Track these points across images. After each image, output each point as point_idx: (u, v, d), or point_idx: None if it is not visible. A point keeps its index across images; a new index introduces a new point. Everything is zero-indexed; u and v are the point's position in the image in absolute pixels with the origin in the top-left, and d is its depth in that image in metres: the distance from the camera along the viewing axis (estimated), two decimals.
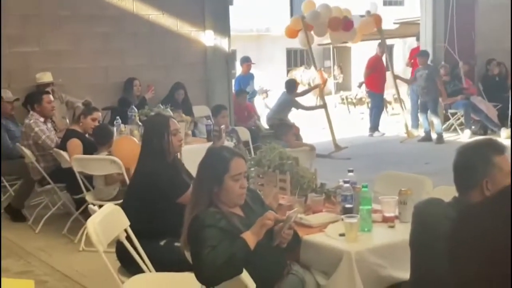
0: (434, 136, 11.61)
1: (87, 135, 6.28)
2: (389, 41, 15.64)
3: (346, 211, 3.35)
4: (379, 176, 4.38)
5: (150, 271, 3.60)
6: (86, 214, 5.95)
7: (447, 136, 11.86)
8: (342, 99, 20.18)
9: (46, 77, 7.97)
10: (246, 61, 10.93)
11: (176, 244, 3.82)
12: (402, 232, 3.26)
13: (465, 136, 11.64)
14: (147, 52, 9.30)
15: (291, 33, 11.32)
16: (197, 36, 9.77)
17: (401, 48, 25.81)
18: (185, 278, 3.46)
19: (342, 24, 10.97)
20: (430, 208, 2.68)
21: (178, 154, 4.12)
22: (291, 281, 3.02)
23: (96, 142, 5.97)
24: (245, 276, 2.76)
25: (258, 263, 2.84)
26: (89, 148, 6.00)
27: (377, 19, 11.74)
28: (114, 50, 9.02)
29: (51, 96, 6.94)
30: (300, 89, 23.81)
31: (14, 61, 8.13)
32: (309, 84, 25.03)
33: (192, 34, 9.74)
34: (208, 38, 9.83)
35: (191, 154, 4.28)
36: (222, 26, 9.92)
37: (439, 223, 2.56)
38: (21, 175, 6.80)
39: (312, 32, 11.03)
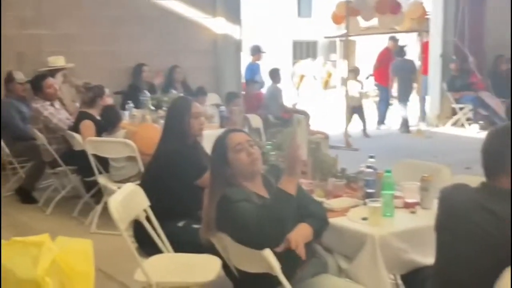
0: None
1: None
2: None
3: (368, 196, 3.34)
4: (396, 164, 4.37)
5: (168, 252, 3.61)
6: (96, 197, 6.01)
7: (454, 130, 11.87)
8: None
9: (59, 61, 7.98)
10: (258, 50, 10.90)
11: (194, 226, 3.84)
12: (424, 218, 3.26)
13: (473, 131, 11.66)
14: (157, 38, 9.29)
15: (337, 19, 10.93)
16: (208, 23, 9.75)
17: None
18: (204, 260, 3.46)
19: (390, 6, 10.46)
20: (456, 192, 2.67)
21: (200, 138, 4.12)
22: (315, 264, 3.01)
23: (105, 123, 5.95)
24: (270, 256, 2.74)
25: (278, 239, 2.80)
26: (102, 130, 5.99)
27: (422, 6, 11.48)
28: (124, 35, 9.01)
29: (51, 79, 6.92)
30: (306, 81, 23.86)
31: (27, 43, 8.12)
32: (314, 76, 25.08)
33: (203, 21, 9.72)
34: (218, 25, 9.81)
35: (211, 139, 4.28)
36: (233, 14, 9.90)
37: (466, 208, 2.56)
38: (32, 156, 6.79)
39: (358, 18, 10.59)
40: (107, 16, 8.79)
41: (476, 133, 11.59)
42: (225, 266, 3.28)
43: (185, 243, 3.64)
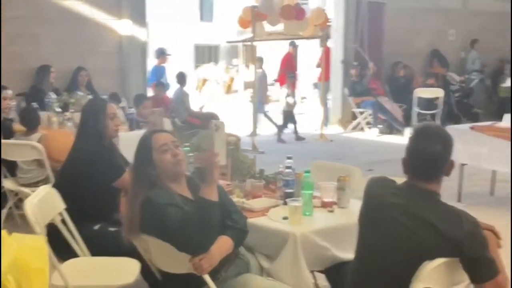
0: None
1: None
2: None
3: (288, 196, 3.40)
4: (310, 166, 4.47)
5: (85, 255, 3.53)
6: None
7: (355, 134, 12.27)
8: (251, 97, 20.35)
9: None
10: (163, 53, 10.83)
11: (111, 229, 3.78)
12: (341, 217, 3.37)
13: (372, 135, 12.10)
14: (61, 39, 9.02)
15: (244, 23, 10.91)
16: (113, 24, 9.58)
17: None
18: (122, 263, 3.43)
19: (294, 12, 10.64)
20: (382, 187, 2.77)
21: (116, 139, 4.06)
22: (238, 264, 3.04)
23: (24, 126, 5.73)
24: None
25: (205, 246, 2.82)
26: (5, 132, 5.76)
27: (325, 13, 11.67)
28: (28, 35, 8.69)
29: None
30: (208, 85, 23.86)
31: None
32: (216, 81, 25.11)
33: (108, 22, 9.54)
34: (124, 27, 9.66)
35: (127, 141, 4.24)
36: (139, 16, 9.78)
37: (391, 203, 2.67)
38: None
39: (264, 23, 10.69)
40: (11, 16, 8.45)
41: (375, 136, 12.03)
42: (142, 269, 3.27)
43: (101, 246, 3.58)
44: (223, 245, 2.87)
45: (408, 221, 2.58)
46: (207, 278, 2.79)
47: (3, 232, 1.92)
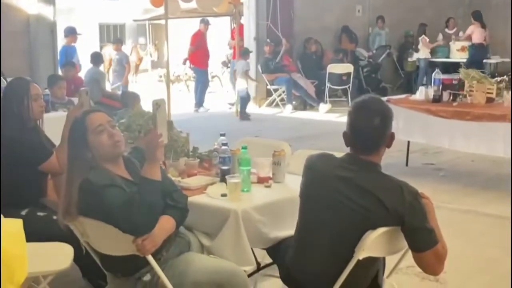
0: None
1: None
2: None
3: (224, 173, 3.38)
4: (238, 142, 4.47)
5: None
6: None
7: (270, 111, 12.38)
8: (160, 77, 20.16)
9: None
10: (72, 32, 10.47)
11: (39, 214, 3.65)
12: (279, 191, 3.39)
13: (287, 111, 12.24)
14: None
15: (156, 1, 10.72)
16: (19, 3, 9.18)
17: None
18: (55, 248, 3.34)
19: None
20: (322, 161, 2.80)
21: (40, 121, 3.89)
22: (179, 243, 2.99)
23: None
24: None
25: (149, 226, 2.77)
26: None
27: None
28: None
29: None
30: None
31: None
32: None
33: (13, 0, 9.14)
34: (30, 5, 9.28)
35: (52, 123, 4.09)
36: None
37: (332, 176, 2.71)
38: None
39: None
40: None
41: (289, 113, 12.17)
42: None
43: (31, 232, 3.41)
44: (165, 225, 2.82)
45: (352, 192, 2.63)
46: (150, 258, 2.74)
47: None
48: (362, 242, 2.59)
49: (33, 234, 3.38)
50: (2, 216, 3.27)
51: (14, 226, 1.97)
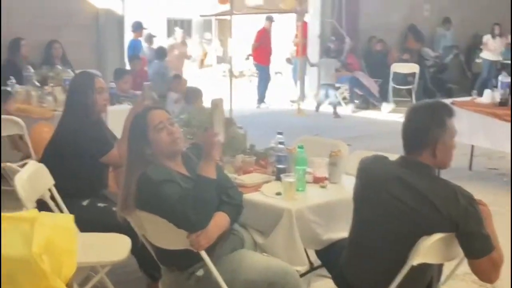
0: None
1: None
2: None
3: (280, 172, 3.39)
4: (296, 141, 4.46)
5: None
6: None
7: (331, 109, 12.29)
8: (224, 72, 20.33)
9: None
10: (140, 27, 10.69)
11: (99, 204, 3.75)
12: (334, 192, 3.38)
13: (349, 110, 12.14)
14: (35, 11, 8.82)
15: None
16: None
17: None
18: (112, 239, 3.42)
19: None
20: (376, 164, 2.79)
21: (104, 114, 4.00)
22: (232, 240, 3.02)
23: None
24: None
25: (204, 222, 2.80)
26: None
27: None
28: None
29: None
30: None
31: None
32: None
33: None
34: (100, 0, 9.51)
35: (116, 116, 4.18)
36: None
37: (385, 179, 2.68)
38: None
39: None
40: None
41: (351, 112, 12.07)
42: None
43: (90, 222, 3.53)
44: (220, 221, 2.85)
45: (405, 195, 2.60)
46: (203, 254, 2.78)
47: (35, 211, 1.88)
48: (416, 248, 2.56)
49: (93, 224, 3.52)
50: (56, 210, 3.40)
51: (66, 221, 2.02)
